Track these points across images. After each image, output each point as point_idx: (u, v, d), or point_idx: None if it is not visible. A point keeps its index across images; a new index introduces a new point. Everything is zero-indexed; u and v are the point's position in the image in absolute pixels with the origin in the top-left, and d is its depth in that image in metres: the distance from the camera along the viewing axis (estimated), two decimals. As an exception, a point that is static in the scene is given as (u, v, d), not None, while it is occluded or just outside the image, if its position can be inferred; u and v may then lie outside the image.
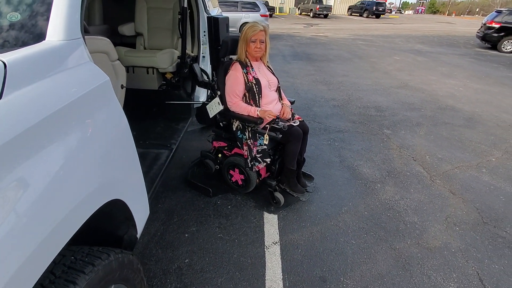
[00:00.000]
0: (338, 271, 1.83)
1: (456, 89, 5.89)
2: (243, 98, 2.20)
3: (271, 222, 2.20)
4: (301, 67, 7.37)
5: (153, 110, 2.74)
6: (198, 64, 2.87)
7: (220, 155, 2.48)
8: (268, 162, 2.15)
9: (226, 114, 2.26)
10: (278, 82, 2.36)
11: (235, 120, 2.24)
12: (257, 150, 2.14)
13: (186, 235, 2.05)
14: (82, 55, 1.05)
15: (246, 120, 2.13)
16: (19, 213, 0.68)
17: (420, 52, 10.08)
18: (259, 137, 2.14)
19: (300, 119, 2.32)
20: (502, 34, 10.47)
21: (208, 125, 3.56)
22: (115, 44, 2.77)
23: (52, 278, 0.83)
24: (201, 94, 3.08)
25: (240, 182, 2.39)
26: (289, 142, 2.15)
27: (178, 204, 2.34)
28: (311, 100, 4.92)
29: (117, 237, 1.26)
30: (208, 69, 2.83)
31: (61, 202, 0.81)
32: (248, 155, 2.18)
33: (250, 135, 2.16)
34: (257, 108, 2.13)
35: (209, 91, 2.86)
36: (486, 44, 11.25)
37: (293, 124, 2.19)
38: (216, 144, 2.49)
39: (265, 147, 2.11)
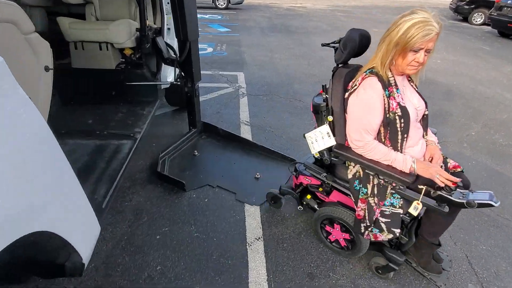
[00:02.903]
0: (326, 265, 1.70)
1: (434, 61, 5.83)
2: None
3: (252, 215, 2.01)
4: (280, 40, 6.98)
5: (111, 93, 2.37)
6: (163, 38, 2.49)
7: (309, 197, 1.83)
8: (397, 234, 1.38)
9: (341, 154, 1.45)
10: (426, 106, 1.47)
11: (353, 164, 1.46)
12: (383, 213, 1.38)
13: (158, 237, 1.81)
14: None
15: (382, 173, 1.33)
16: None
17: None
18: (395, 197, 1.36)
19: (459, 168, 1.48)
20: (473, 6, 10.52)
21: (182, 107, 3.19)
22: (62, 15, 2.32)
23: None
24: (169, 73, 2.72)
25: (342, 243, 1.71)
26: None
27: (148, 200, 2.08)
28: (291, 76, 4.65)
29: (57, 266, 1.00)
30: (175, 44, 2.45)
31: None
32: (364, 217, 1.43)
33: (376, 191, 1.38)
34: (407, 156, 1.31)
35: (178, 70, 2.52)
36: (458, 16, 11.29)
37: (459, 184, 1.24)
38: (304, 180, 1.79)
39: (400, 211, 1.35)
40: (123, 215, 1.95)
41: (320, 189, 1.74)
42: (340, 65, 1.50)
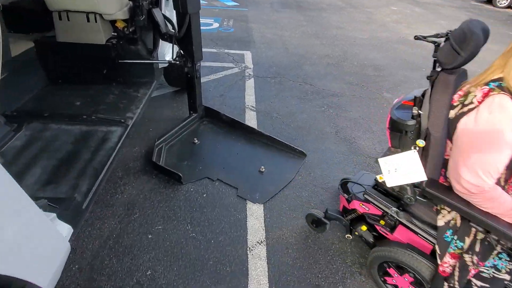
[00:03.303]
0: (336, 277, 1.52)
1: (457, 45, 5.37)
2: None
3: (255, 214, 1.82)
4: (290, 16, 6.50)
5: (102, 72, 2.12)
6: (160, 10, 2.19)
7: (364, 228, 1.49)
8: None
9: (436, 196, 1.08)
10: None
11: (448, 209, 1.13)
12: (480, 275, 1.06)
13: (150, 236, 1.64)
14: None
15: (497, 232, 0.97)
16: None
17: (418, 2, 9.22)
18: (502, 258, 1.03)
19: None
20: (498, -14, 9.66)
21: (183, 88, 2.92)
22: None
23: None
24: (167, 51, 2.44)
25: None
26: None
27: (141, 193, 1.90)
28: (302, 56, 4.30)
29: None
30: (174, 17, 2.16)
31: None
32: (451, 275, 1.11)
33: (477, 249, 1.04)
34: None
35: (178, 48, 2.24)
36: (481, -4, 10.44)
37: None
38: (360, 207, 1.44)
39: (506, 277, 1.03)
40: (113, 209, 1.77)
41: (382, 222, 1.36)
42: (443, 69, 1.08)
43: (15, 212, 0.75)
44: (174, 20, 2.12)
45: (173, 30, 2.17)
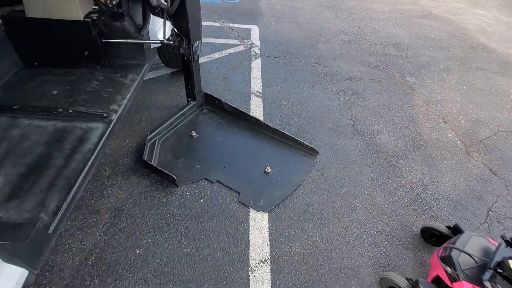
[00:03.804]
0: (350, 306, 1.32)
1: (486, 22, 4.80)
2: None
3: (259, 225, 1.59)
4: (302, -15, 5.88)
5: (83, 54, 1.81)
6: (150, -23, 1.81)
7: None
8: None
9: None
10: None
11: None
12: None
13: (138, 251, 1.44)
14: None
15: None
16: None
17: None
18: None
19: None
20: None
21: (181, 69, 2.59)
22: None
23: None
24: (160, 28, 2.09)
25: None
26: None
27: (130, 197, 1.67)
28: (315, 32, 3.86)
29: None
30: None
31: None
32: None
33: None
34: None
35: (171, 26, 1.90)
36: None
37: None
38: None
39: None
40: (98, 216, 1.56)
41: None
42: None
43: None
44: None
45: (165, 3, 1.81)
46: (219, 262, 1.42)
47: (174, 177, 1.69)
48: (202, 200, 1.68)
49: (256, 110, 2.42)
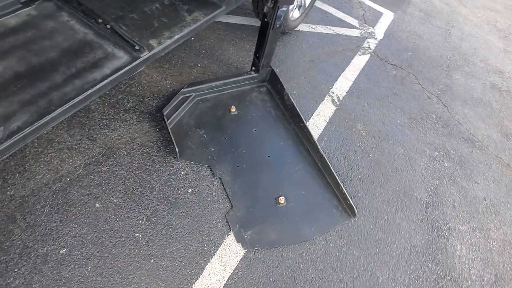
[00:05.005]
0: None
1: None
2: None
3: (226, 259, 1.28)
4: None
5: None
6: None
7: None
8: None
9: None
10: None
11: None
12: None
13: (97, 205, 1.29)
14: None
15: None
16: None
17: None
18: None
19: None
20: None
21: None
22: None
23: None
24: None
25: None
26: None
27: (129, 143, 1.50)
28: (462, 55, 2.84)
29: None
30: None
31: None
32: None
33: None
34: None
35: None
36: None
37: None
38: None
39: None
40: (91, 145, 1.44)
41: None
42: None
43: None
44: None
45: None
46: (158, 271, 1.19)
47: (177, 150, 1.43)
48: (190, 190, 1.42)
49: (319, 119, 1.92)
